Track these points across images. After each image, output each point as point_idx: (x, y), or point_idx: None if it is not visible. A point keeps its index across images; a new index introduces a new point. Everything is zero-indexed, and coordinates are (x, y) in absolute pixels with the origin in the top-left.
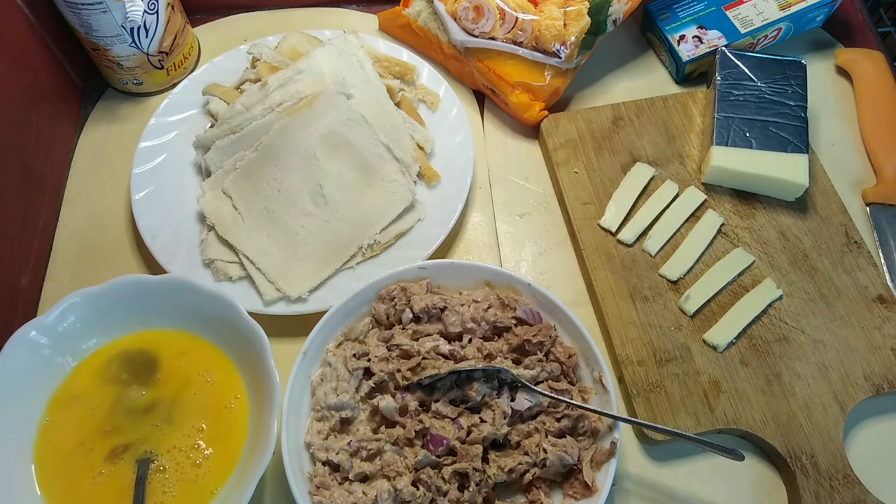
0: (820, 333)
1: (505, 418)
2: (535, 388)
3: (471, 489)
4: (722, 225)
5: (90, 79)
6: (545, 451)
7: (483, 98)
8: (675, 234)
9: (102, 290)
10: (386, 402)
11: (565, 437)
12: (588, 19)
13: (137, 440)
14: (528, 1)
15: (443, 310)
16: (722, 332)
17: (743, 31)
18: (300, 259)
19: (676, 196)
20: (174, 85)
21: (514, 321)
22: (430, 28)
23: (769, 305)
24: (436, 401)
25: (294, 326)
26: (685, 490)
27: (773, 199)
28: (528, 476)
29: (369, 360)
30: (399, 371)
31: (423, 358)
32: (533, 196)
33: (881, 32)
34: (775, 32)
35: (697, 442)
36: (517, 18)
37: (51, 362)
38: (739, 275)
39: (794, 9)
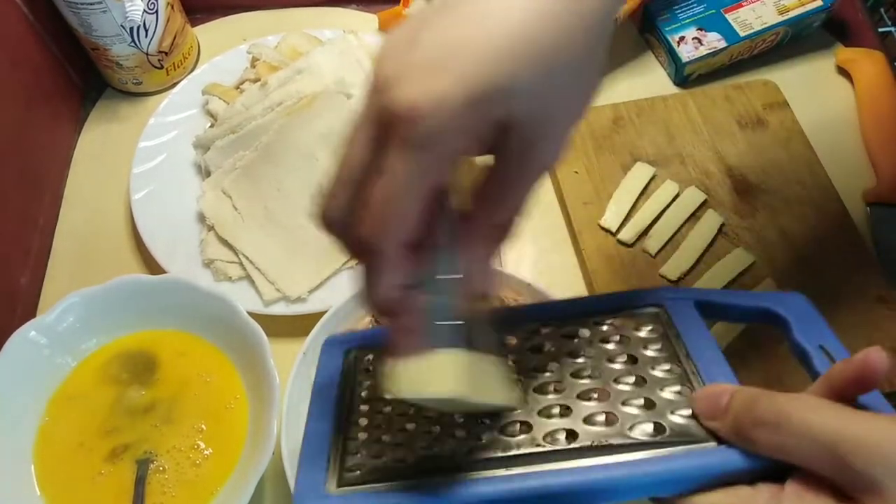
0: None
1: None
2: None
3: None
4: (722, 225)
5: (90, 78)
6: None
7: None
8: (675, 233)
9: (102, 290)
10: None
11: None
12: None
13: (137, 440)
14: None
15: None
16: (722, 331)
17: (742, 34)
18: (300, 259)
19: (677, 196)
20: (174, 85)
21: None
22: None
23: None
24: None
25: (294, 326)
26: None
27: (774, 200)
28: None
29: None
30: None
31: None
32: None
33: (881, 32)
34: (773, 37)
35: None
36: None
37: (50, 362)
38: (740, 275)
39: (791, 14)
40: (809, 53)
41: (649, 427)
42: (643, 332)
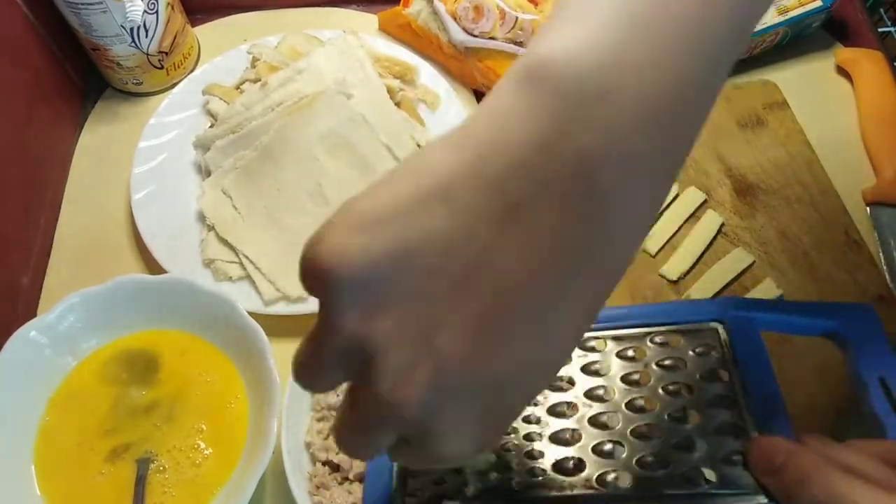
0: None
1: None
2: None
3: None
4: (722, 225)
5: (90, 78)
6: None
7: (483, 98)
8: (675, 233)
9: (103, 289)
10: None
11: None
12: None
13: (137, 440)
14: (527, 1)
15: None
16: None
17: None
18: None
19: (676, 196)
20: (174, 85)
21: None
22: (430, 28)
23: None
24: None
25: (294, 326)
26: None
27: (774, 200)
28: None
29: None
30: None
31: None
32: None
33: (881, 32)
34: (773, 37)
35: None
36: (517, 18)
37: (51, 362)
38: (740, 275)
39: (791, 14)
40: (809, 53)
41: (699, 474)
42: (702, 357)
